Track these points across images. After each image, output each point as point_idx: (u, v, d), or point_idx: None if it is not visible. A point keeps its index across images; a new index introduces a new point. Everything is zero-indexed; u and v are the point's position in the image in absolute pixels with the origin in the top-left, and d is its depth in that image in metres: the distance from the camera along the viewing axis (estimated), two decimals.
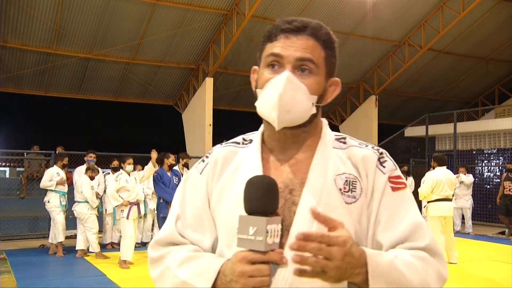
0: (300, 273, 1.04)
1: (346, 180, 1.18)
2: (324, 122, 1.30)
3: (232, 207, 1.19)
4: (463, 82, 18.45)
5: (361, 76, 16.98)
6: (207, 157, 1.32)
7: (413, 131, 15.51)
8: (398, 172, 1.23)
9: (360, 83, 17.16)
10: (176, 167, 8.27)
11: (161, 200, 7.87)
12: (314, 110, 1.19)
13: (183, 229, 1.26)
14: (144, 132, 20.00)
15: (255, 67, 1.26)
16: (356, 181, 1.19)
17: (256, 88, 1.23)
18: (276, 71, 1.18)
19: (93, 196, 8.23)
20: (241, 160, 1.26)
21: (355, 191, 1.18)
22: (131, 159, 7.99)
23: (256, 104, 1.20)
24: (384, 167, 1.21)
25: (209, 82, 14.03)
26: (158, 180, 7.87)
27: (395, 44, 15.70)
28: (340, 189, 1.18)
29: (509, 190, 11.02)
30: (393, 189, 1.20)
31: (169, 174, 7.96)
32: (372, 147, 1.26)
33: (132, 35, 12.96)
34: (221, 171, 1.27)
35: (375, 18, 13.94)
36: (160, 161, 8.01)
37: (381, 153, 1.24)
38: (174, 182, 7.93)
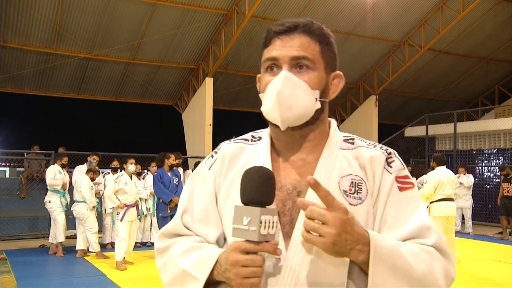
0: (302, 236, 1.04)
1: (352, 182, 1.18)
2: (333, 122, 1.29)
3: None
4: (463, 82, 18.45)
5: (361, 76, 16.98)
6: (216, 153, 1.32)
7: (413, 131, 15.50)
8: (405, 172, 1.22)
9: (360, 83, 17.15)
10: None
11: (160, 200, 7.86)
12: (318, 105, 1.19)
13: (189, 223, 1.27)
14: (144, 132, 20.02)
15: (259, 75, 1.27)
16: (361, 183, 1.18)
17: (260, 93, 1.23)
18: (274, 73, 1.19)
19: (92, 197, 8.23)
20: (250, 157, 1.26)
21: (360, 193, 1.17)
22: (133, 159, 8.01)
23: (261, 109, 1.21)
24: (391, 167, 1.21)
25: (209, 82, 14.02)
26: (157, 180, 7.86)
27: (395, 44, 15.69)
28: (345, 191, 1.17)
29: (508, 191, 11.09)
30: (400, 188, 1.19)
31: (169, 174, 7.95)
32: (381, 147, 1.25)
33: (132, 35, 12.96)
34: (229, 168, 1.27)
35: (375, 18, 13.94)
36: (160, 161, 8.01)
37: (389, 153, 1.23)
38: (174, 182, 7.92)
